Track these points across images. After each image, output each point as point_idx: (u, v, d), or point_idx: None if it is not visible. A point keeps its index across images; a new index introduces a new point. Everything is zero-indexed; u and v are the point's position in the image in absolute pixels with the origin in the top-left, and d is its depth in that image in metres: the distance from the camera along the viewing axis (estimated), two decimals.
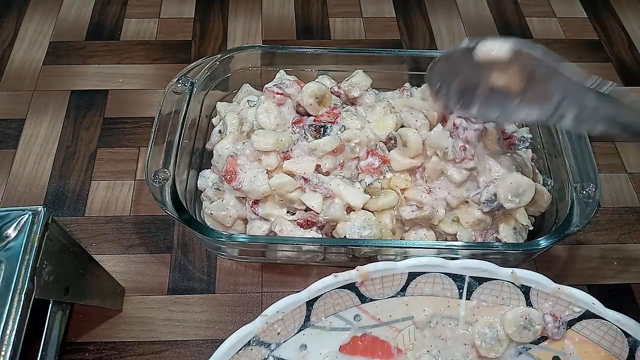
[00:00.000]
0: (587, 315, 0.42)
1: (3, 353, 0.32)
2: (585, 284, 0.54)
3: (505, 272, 0.43)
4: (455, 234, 0.50)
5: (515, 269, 0.43)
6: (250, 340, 0.40)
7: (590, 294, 0.53)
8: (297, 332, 0.42)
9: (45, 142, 0.62)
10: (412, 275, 0.43)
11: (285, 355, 0.42)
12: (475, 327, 0.44)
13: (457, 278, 0.44)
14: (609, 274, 0.55)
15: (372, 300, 0.44)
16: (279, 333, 0.42)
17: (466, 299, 0.44)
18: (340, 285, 0.42)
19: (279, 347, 0.42)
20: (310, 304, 0.42)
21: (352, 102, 0.56)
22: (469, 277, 0.43)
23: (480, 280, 0.44)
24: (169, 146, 0.50)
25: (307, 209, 0.49)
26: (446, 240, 0.51)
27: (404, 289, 0.44)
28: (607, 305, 0.53)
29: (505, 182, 0.48)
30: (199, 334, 0.50)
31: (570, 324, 0.43)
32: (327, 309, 0.43)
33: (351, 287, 0.43)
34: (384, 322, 0.44)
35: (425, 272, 0.43)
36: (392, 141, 0.52)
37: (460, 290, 0.44)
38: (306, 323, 0.43)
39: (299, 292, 0.41)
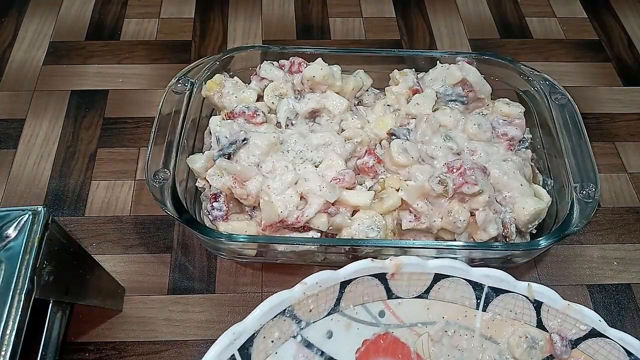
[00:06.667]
0: (593, 333, 0.43)
1: (3, 353, 0.32)
2: (585, 284, 0.54)
3: (521, 285, 0.44)
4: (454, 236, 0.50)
5: (531, 283, 0.44)
6: (285, 309, 0.41)
7: (590, 294, 0.54)
8: (326, 315, 0.43)
9: (45, 142, 0.62)
10: (437, 278, 0.44)
11: (312, 338, 0.43)
12: (486, 353, 0.44)
13: (477, 287, 0.44)
14: (609, 274, 0.55)
15: (397, 297, 0.45)
16: (310, 310, 0.42)
17: (482, 310, 0.45)
18: (373, 273, 0.44)
19: (308, 326, 0.43)
20: (343, 286, 0.43)
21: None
22: (488, 287, 0.44)
23: (498, 292, 0.44)
24: (169, 146, 0.50)
25: None
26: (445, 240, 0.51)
27: (427, 291, 0.45)
28: (607, 305, 0.53)
29: (524, 212, 0.48)
30: (199, 334, 0.50)
31: (576, 343, 0.43)
32: (356, 297, 0.44)
33: (382, 277, 0.44)
34: (406, 323, 0.45)
35: (449, 276, 0.44)
36: (393, 137, 0.52)
37: (478, 301, 0.45)
38: (336, 307, 0.43)
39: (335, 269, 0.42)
